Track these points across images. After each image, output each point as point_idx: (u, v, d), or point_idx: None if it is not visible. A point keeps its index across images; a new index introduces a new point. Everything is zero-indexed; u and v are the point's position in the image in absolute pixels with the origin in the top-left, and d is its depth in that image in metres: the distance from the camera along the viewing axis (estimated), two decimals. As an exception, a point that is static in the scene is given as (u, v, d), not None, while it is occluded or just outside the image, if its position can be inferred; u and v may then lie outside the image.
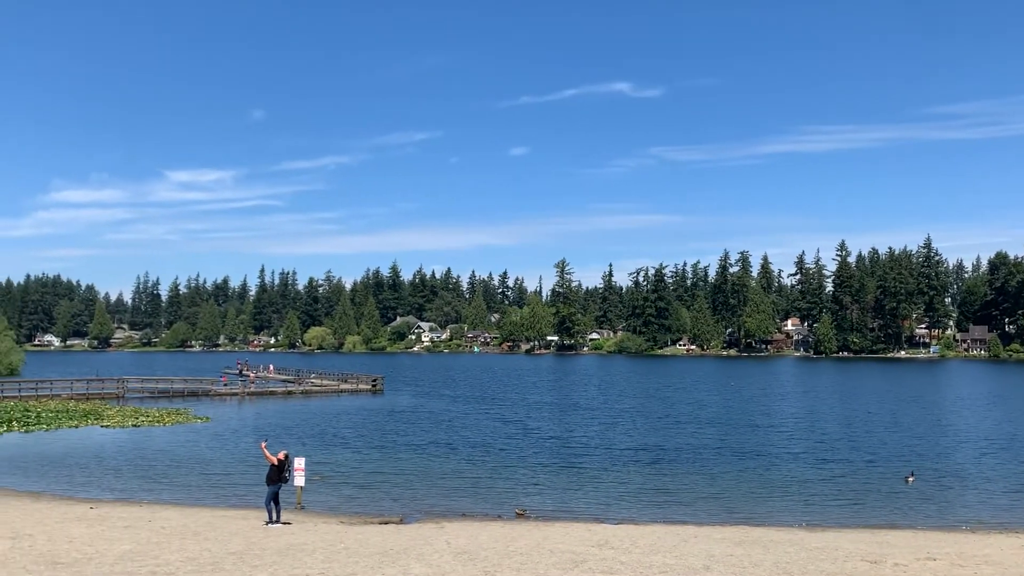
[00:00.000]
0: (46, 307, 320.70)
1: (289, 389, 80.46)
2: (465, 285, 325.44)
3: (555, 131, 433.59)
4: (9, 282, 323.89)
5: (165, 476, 31.83)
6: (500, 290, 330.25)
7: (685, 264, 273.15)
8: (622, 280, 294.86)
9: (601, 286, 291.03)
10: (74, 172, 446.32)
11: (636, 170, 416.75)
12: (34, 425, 47.79)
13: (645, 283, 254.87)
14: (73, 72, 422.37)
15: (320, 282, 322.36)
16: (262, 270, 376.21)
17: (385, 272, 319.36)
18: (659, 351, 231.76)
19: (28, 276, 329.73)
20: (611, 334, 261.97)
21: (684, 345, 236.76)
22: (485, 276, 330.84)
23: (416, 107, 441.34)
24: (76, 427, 47.96)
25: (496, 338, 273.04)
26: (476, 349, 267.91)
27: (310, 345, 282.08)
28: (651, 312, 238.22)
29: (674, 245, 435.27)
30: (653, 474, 32.97)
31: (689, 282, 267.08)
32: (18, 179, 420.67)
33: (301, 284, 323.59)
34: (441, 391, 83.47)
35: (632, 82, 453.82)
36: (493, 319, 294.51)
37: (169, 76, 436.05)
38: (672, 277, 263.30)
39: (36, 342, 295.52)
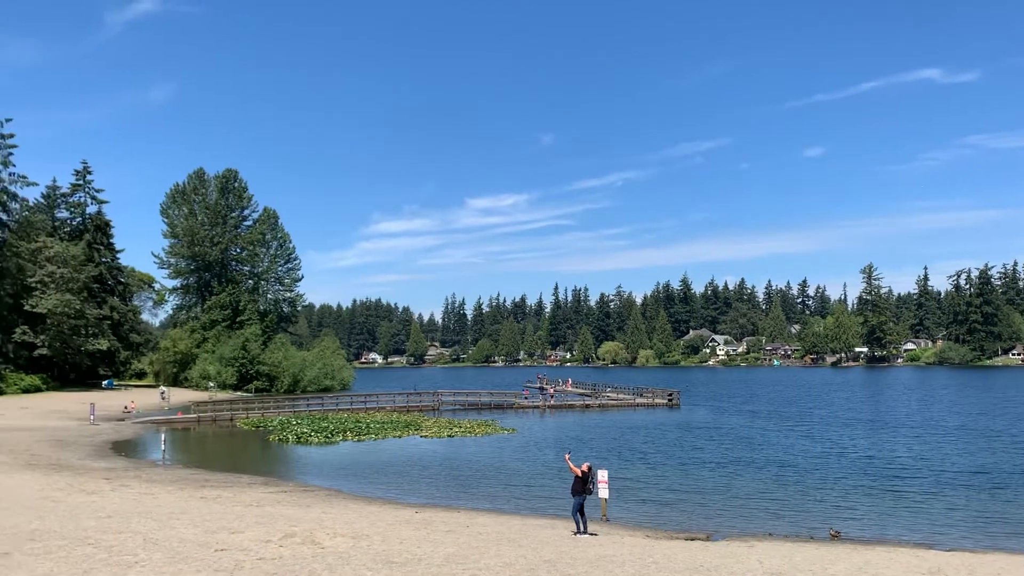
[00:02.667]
0: (370, 328, 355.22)
1: (587, 403, 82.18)
2: (760, 295, 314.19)
3: (854, 127, 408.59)
4: (339, 307, 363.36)
5: (477, 484, 33.67)
6: (799, 299, 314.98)
7: (1016, 264, 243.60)
8: (939, 284, 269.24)
9: (915, 291, 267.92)
10: (390, 206, 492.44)
11: (951, 162, 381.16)
12: (364, 435, 52.83)
13: (968, 286, 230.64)
14: (380, 114, 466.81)
15: (611, 297, 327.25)
16: (556, 287, 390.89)
17: (675, 285, 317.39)
18: (987, 361, 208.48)
19: (354, 301, 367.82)
20: (929, 343, 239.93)
21: (1019, 354, 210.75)
22: (782, 285, 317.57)
23: (702, 116, 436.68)
24: (399, 437, 52.34)
25: (797, 350, 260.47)
26: (776, 362, 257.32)
27: (603, 360, 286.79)
28: (976, 318, 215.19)
29: (1000, 242, 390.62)
30: (989, 499, 29.43)
31: (1022, 284, 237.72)
32: (346, 216, 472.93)
33: (593, 300, 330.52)
34: (740, 406, 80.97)
35: (943, 67, 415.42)
36: (793, 330, 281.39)
37: (467, 112, 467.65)
38: (1000, 279, 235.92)
39: (362, 360, 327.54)
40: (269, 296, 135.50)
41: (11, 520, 19.42)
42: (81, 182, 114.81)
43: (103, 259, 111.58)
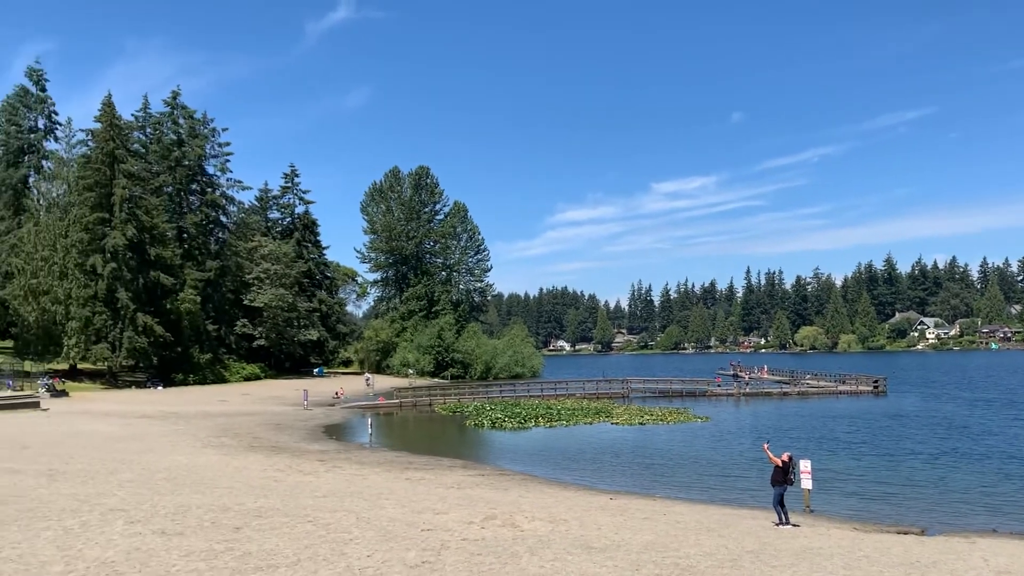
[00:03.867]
0: (557, 316, 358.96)
1: (784, 390, 79.20)
2: (975, 274, 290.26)
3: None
4: (527, 295, 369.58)
5: (671, 472, 33.29)
6: (1020, 278, 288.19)
7: None
8: None
9: None
10: (573, 195, 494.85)
11: None
12: (555, 421, 53.55)
13: None
14: (563, 104, 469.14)
15: (808, 280, 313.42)
16: (748, 271, 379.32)
17: (879, 265, 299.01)
18: None
19: (541, 289, 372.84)
20: None
21: None
22: (999, 262, 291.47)
23: (906, 84, 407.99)
24: (590, 424, 52.65)
25: (1019, 333, 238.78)
26: (993, 346, 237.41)
27: (801, 345, 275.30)
28: None
29: None
30: None
31: None
32: (531, 207, 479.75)
33: (788, 283, 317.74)
34: (955, 393, 75.27)
35: None
36: (1014, 311, 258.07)
37: (649, 96, 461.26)
38: None
39: (550, 347, 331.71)
40: (461, 286, 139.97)
41: (239, 498, 21.19)
42: (290, 184, 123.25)
43: (311, 256, 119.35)
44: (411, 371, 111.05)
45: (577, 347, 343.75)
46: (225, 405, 64.48)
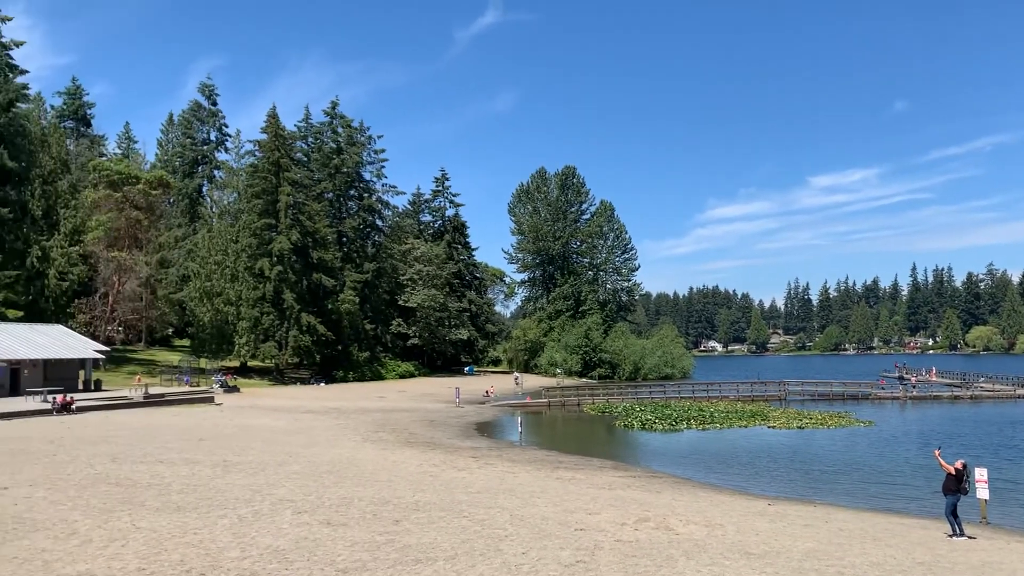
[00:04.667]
0: (708, 316, 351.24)
1: (955, 394, 74.38)
2: None
3: None
4: (676, 295, 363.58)
5: (832, 478, 31.88)
6: None
7: None
8: None
9: None
10: (725, 191, 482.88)
11: None
12: (708, 423, 52.39)
13: None
14: (712, 97, 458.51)
15: (981, 276, 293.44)
16: (913, 268, 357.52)
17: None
18: None
19: (691, 288, 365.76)
20: None
21: None
22: None
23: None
24: (744, 427, 51.19)
25: None
26: None
27: (974, 346, 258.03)
28: None
29: None
30: None
31: None
32: (680, 204, 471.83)
33: (958, 280, 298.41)
34: None
35: None
36: None
37: (804, 87, 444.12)
38: None
39: (701, 348, 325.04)
40: (608, 286, 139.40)
41: (398, 492, 21.89)
42: (440, 188, 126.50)
43: (461, 257, 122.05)
44: (558, 371, 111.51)
45: (730, 348, 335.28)
46: (383, 401, 66.84)
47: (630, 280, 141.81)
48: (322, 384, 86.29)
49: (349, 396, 71.31)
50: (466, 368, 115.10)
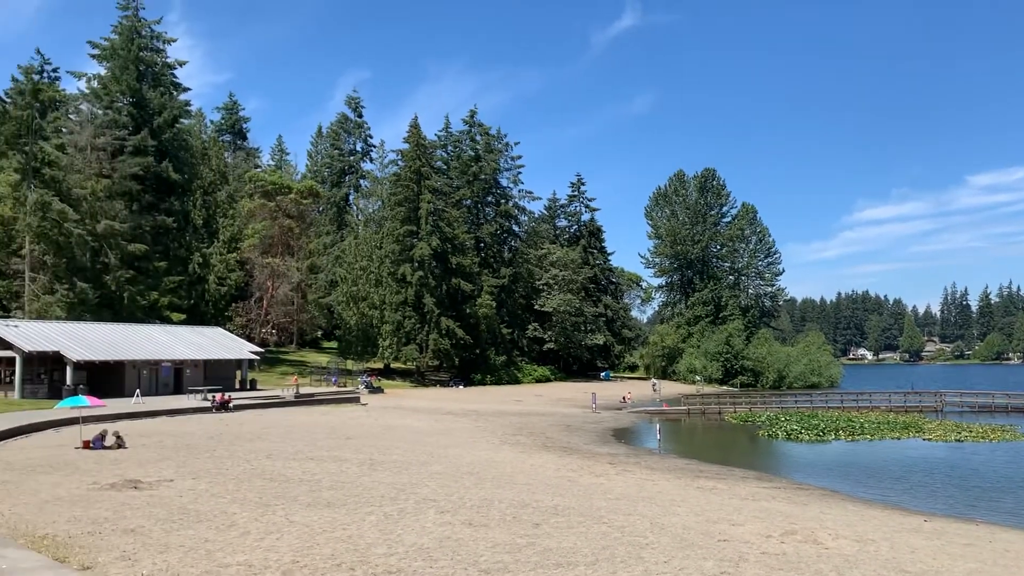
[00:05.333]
0: (857, 322, 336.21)
1: None
2: None
3: None
4: (823, 300, 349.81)
5: (993, 495, 29.85)
6: None
7: None
8: None
9: None
10: (876, 191, 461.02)
11: None
12: (858, 434, 50.08)
13: None
14: (860, 91, 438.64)
15: None
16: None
17: None
18: None
19: (839, 293, 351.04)
20: None
21: None
22: None
23: None
24: (897, 439, 48.65)
25: None
26: None
27: None
28: None
29: None
30: None
31: None
32: (827, 206, 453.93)
33: None
34: None
35: None
36: None
37: (961, 74, 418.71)
38: None
39: (850, 356, 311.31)
40: (750, 291, 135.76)
41: (536, 495, 22.02)
42: (576, 193, 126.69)
43: (596, 261, 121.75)
44: (698, 378, 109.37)
45: (880, 356, 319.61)
46: (519, 405, 67.46)
47: (773, 285, 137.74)
48: (460, 387, 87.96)
49: (486, 399, 72.36)
50: (602, 373, 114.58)
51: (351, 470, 25.26)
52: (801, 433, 50.68)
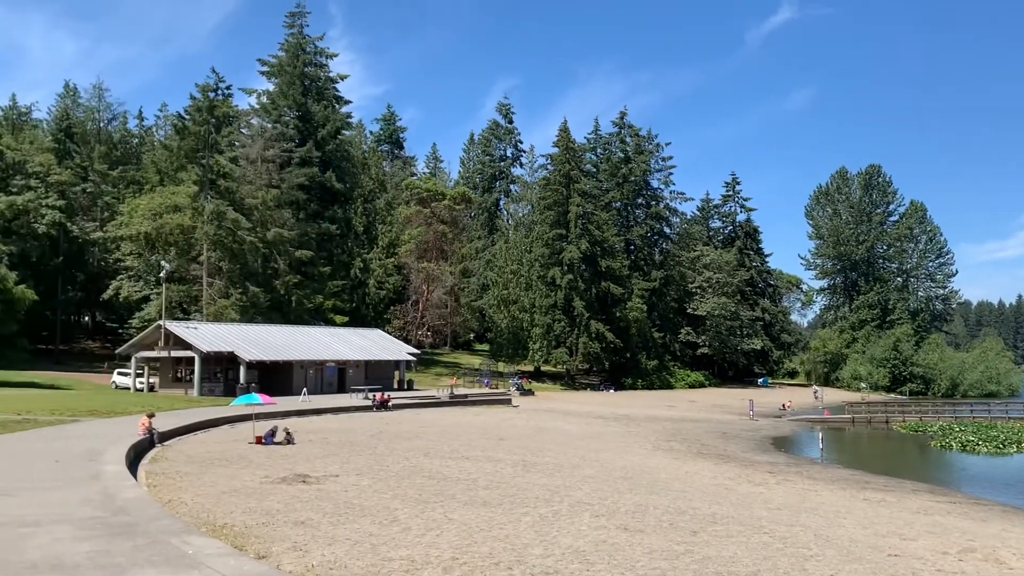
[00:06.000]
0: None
1: None
2: None
3: None
4: (1001, 303, 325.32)
5: None
6: None
7: None
8: None
9: None
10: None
11: None
12: (1044, 448, 46.29)
13: None
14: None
15: None
16: None
17: None
18: None
19: (1020, 296, 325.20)
20: None
21: None
22: None
23: None
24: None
25: None
26: None
27: None
28: None
29: None
30: None
31: None
32: (1000, 202, 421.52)
33: None
34: None
35: None
36: None
37: None
38: None
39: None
40: (920, 294, 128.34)
41: (692, 502, 21.56)
42: (730, 193, 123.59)
43: (753, 263, 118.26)
44: (863, 385, 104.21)
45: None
46: (672, 411, 66.41)
47: (946, 287, 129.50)
48: (611, 391, 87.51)
49: (638, 404, 71.64)
50: (760, 380, 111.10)
51: (505, 471, 25.58)
52: (978, 445, 47.31)
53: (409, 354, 69.12)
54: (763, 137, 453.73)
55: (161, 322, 56.44)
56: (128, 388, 58.06)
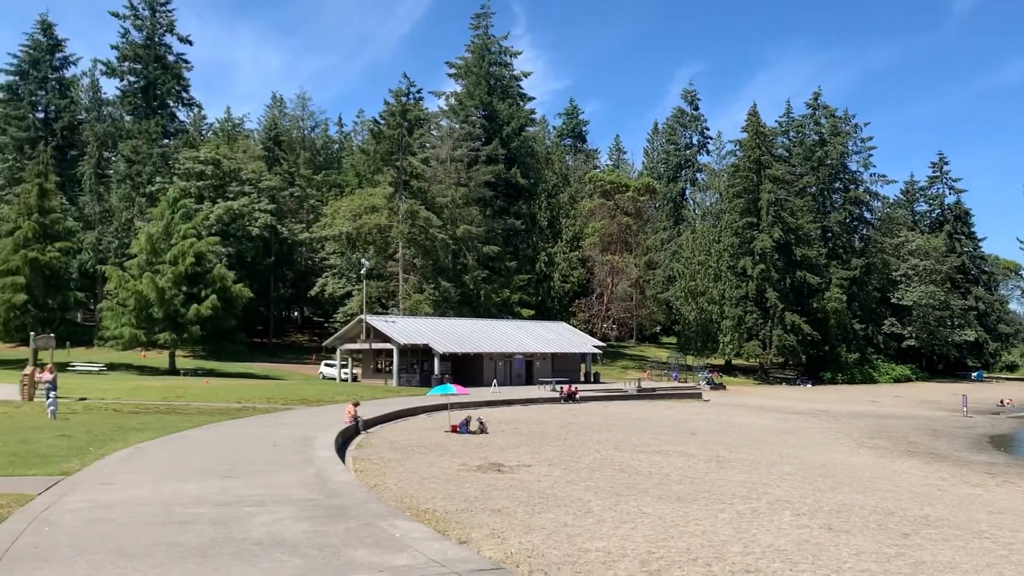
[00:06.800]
0: None
1: None
2: None
3: None
4: None
5: None
6: None
7: None
8: None
9: None
10: None
11: None
12: None
13: None
14: None
15: None
16: None
17: None
18: None
19: None
20: None
21: None
22: None
23: None
24: None
25: None
26: None
27: None
28: None
29: None
30: None
31: None
32: None
33: None
34: None
35: None
36: None
37: None
38: None
39: None
40: None
41: (902, 503, 20.26)
42: (938, 174, 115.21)
43: (964, 249, 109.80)
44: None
45: None
46: (875, 406, 62.79)
47: None
48: (808, 385, 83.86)
49: (837, 399, 68.28)
50: (973, 374, 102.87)
51: (698, 466, 25.09)
52: None
53: (594, 347, 69.27)
54: (973, 114, 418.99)
55: (362, 316, 59.67)
56: (334, 378, 61.79)
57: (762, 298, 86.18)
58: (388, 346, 56.86)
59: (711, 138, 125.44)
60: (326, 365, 66.19)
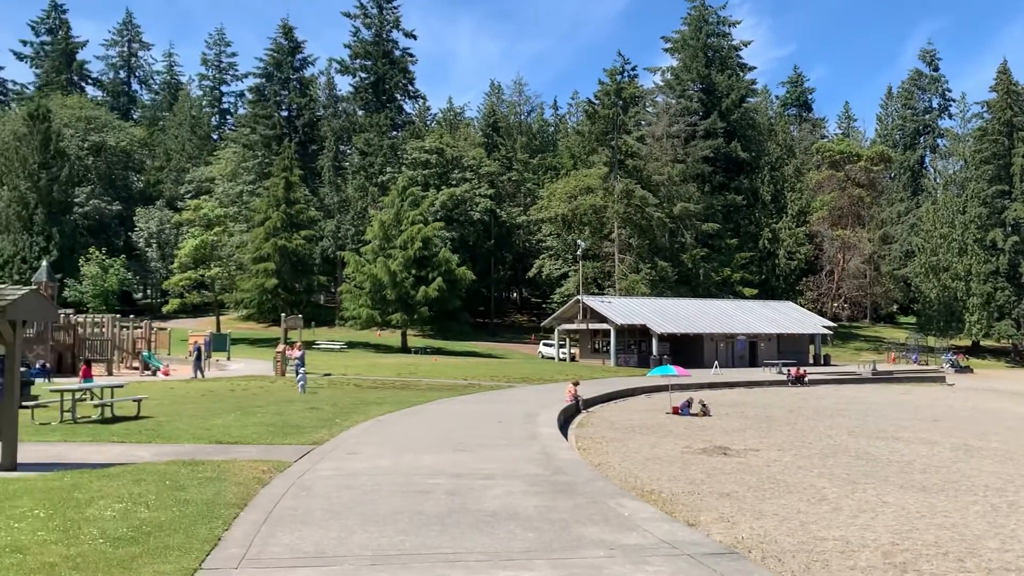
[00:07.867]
0: None
1: None
2: None
3: None
4: None
5: None
6: None
7: None
8: None
9: None
10: None
11: None
12: None
13: None
14: None
15: None
16: None
17: None
18: None
19: None
20: None
21: None
22: None
23: None
24: None
25: None
26: None
27: None
28: None
29: None
30: None
31: None
32: None
33: None
34: None
35: None
36: None
37: None
38: None
39: None
40: None
41: None
42: None
43: None
44: None
45: None
46: None
47: None
48: (1072, 369, 75.33)
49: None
50: None
51: (944, 454, 23.21)
52: None
53: (824, 327, 65.85)
54: None
55: (579, 297, 60.24)
56: (552, 358, 62.95)
57: (1015, 273, 78.23)
58: (605, 326, 57.05)
59: (954, 100, 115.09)
60: (544, 344, 67.51)
